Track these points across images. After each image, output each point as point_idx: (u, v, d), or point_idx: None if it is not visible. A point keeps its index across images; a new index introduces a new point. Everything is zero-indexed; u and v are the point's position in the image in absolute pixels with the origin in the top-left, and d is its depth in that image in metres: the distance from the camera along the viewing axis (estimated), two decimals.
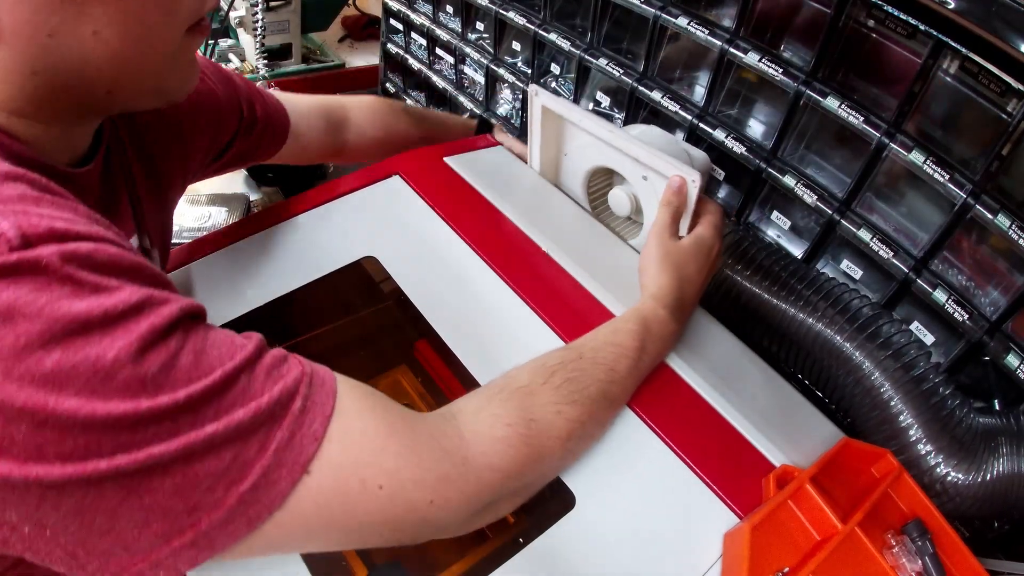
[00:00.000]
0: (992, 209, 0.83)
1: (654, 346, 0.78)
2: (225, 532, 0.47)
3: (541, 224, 0.97)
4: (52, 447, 0.41)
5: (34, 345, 0.41)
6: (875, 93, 0.95)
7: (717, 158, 1.19)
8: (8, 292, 0.41)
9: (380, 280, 1.00)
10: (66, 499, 0.42)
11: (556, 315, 0.84)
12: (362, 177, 1.02)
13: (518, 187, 1.06)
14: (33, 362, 0.41)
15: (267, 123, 0.98)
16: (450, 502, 0.57)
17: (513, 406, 0.65)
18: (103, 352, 0.43)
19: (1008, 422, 0.81)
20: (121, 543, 0.45)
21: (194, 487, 0.46)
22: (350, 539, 0.56)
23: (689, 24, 1.11)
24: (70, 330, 0.42)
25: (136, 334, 0.45)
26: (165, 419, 0.44)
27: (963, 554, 0.67)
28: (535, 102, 1.02)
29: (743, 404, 0.78)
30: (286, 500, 0.49)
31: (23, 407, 0.40)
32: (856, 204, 1.01)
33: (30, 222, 0.44)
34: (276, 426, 0.49)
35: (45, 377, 0.41)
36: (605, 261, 0.94)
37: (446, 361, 1.09)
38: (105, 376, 0.43)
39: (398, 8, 1.86)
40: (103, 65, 0.53)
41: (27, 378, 0.40)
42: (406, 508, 0.55)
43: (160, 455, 0.44)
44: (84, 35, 0.51)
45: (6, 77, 0.52)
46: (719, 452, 0.74)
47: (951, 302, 0.90)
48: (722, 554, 0.66)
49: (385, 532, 0.56)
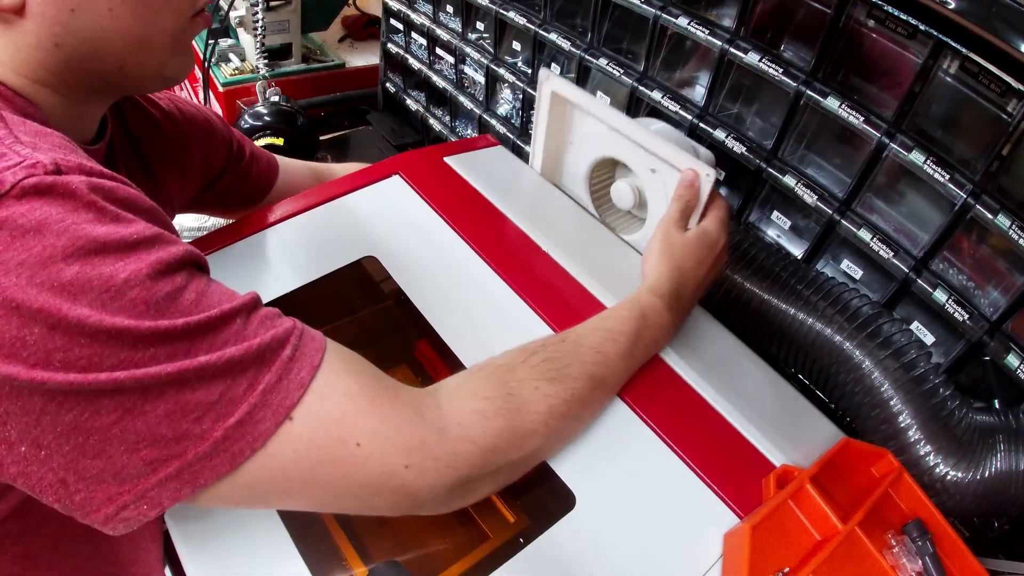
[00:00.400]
0: (992, 209, 0.83)
1: (649, 332, 0.78)
2: (209, 465, 0.51)
3: (541, 224, 0.97)
4: (59, 354, 0.46)
5: (57, 257, 0.46)
6: (875, 93, 0.95)
7: (717, 158, 1.18)
8: (40, 209, 0.47)
9: (380, 280, 1.00)
10: (64, 414, 0.47)
11: (556, 315, 0.84)
12: (362, 177, 1.02)
13: (518, 187, 1.06)
14: (55, 271, 0.46)
15: (254, 161, 1.07)
16: (426, 471, 0.58)
17: (492, 382, 0.67)
18: (116, 272, 0.48)
19: (1006, 420, 0.81)
20: (111, 469, 0.49)
21: (184, 415, 0.49)
22: (328, 498, 0.58)
23: (689, 24, 1.11)
24: (90, 248, 0.48)
25: (146, 262, 0.50)
26: (164, 342, 0.49)
27: (963, 554, 0.67)
28: (545, 87, 1.01)
29: (743, 404, 0.78)
30: (268, 441, 0.52)
31: (40, 309, 0.45)
32: (856, 204, 1.01)
33: (64, 157, 0.51)
34: (265, 368, 0.53)
35: (63, 286, 0.46)
36: (605, 261, 0.94)
37: (446, 361, 1.09)
38: (116, 292, 0.48)
39: (398, 8, 1.86)
40: (116, 40, 0.61)
41: (47, 284, 0.46)
42: (383, 471, 0.57)
43: (156, 375, 0.48)
44: (101, 11, 0.59)
45: (32, 49, 0.59)
46: (719, 452, 0.74)
47: (951, 302, 0.90)
48: (722, 554, 0.66)
49: (363, 495, 0.58)
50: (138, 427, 0.48)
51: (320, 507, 0.60)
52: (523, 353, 0.71)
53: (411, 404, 0.61)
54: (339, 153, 1.99)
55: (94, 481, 0.49)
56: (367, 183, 1.01)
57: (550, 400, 0.67)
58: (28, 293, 0.45)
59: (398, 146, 1.99)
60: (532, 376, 0.68)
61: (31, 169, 0.48)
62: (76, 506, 0.50)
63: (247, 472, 0.52)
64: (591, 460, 0.72)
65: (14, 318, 0.45)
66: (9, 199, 0.47)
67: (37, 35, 0.58)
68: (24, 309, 0.45)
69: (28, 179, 0.48)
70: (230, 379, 0.51)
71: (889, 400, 0.85)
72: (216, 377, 0.51)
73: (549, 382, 0.68)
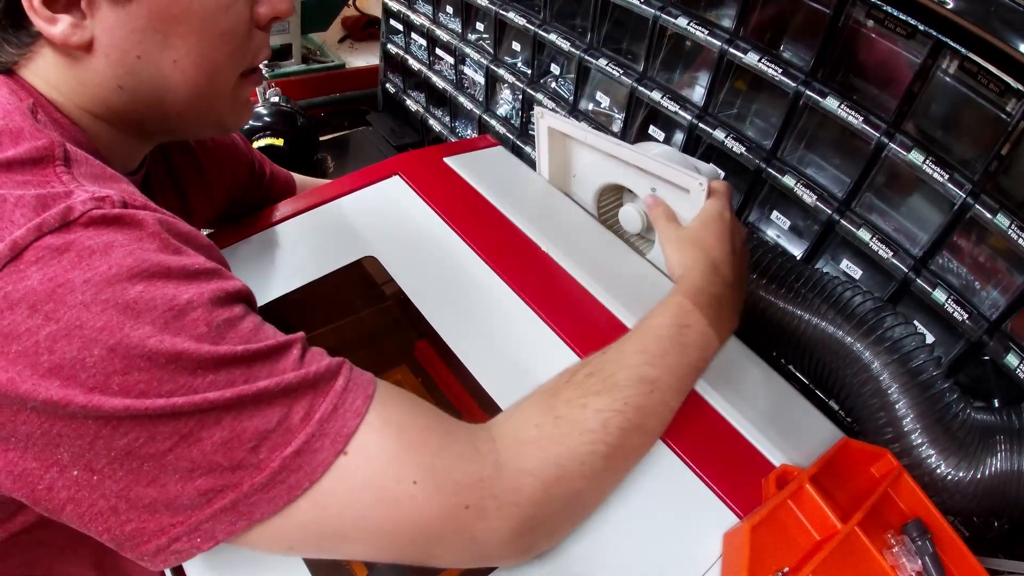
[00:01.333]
0: (991, 209, 0.83)
1: (693, 316, 0.75)
2: (266, 497, 0.50)
3: (541, 224, 0.97)
4: (117, 377, 0.46)
5: (122, 276, 0.47)
6: (874, 93, 0.95)
7: (717, 158, 1.19)
8: (109, 234, 0.49)
9: (380, 280, 1.00)
10: (119, 439, 0.46)
11: (556, 314, 0.84)
12: (362, 177, 1.03)
13: (517, 187, 1.06)
14: (119, 289, 0.47)
15: (274, 181, 1.10)
16: (487, 510, 0.56)
17: (538, 408, 0.65)
18: (179, 293, 0.49)
19: (1006, 420, 0.81)
20: (164, 498, 0.48)
21: (240, 443, 0.49)
22: (384, 544, 0.55)
23: (689, 24, 1.11)
24: (154, 272, 0.49)
25: (207, 289, 0.51)
26: (223, 368, 0.49)
27: (963, 554, 0.67)
28: (541, 124, 1.03)
29: (743, 404, 0.78)
30: (325, 475, 0.51)
31: (102, 328, 0.45)
32: (856, 204, 1.01)
33: (131, 193, 0.54)
34: (321, 397, 0.52)
35: (127, 304, 0.47)
36: (604, 260, 0.94)
37: (446, 361, 1.09)
38: (179, 312, 0.48)
39: (398, 9, 1.86)
40: (178, 90, 0.63)
41: (110, 303, 0.46)
42: (441, 512, 0.54)
43: (214, 401, 0.48)
44: (166, 62, 0.61)
45: (95, 87, 0.61)
46: (719, 452, 0.74)
47: (951, 302, 0.90)
48: (722, 554, 0.66)
49: (421, 541, 0.55)
50: (194, 455, 0.48)
51: (378, 554, 0.56)
52: (566, 373, 0.69)
53: (465, 437, 0.59)
54: (339, 154, 1.99)
55: (147, 510, 0.48)
56: (367, 183, 1.01)
57: (603, 414, 0.64)
58: (91, 311, 0.46)
59: (398, 146, 1.99)
60: (578, 394, 0.65)
61: (99, 202, 0.50)
62: (126, 537, 0.49)
63: (302, 509, 0.51)
64: None
65: (76, 338, 0.45)
66: (77, 226, 0.48)
67: (102, 74, 0.60)
68: (87, 328, 0.45)
69: (96, 210, 0.49)
70: (287, 407, 0.51)
71: (895, 404, 0.84)
72: (273, 404, 0.50)
73: (596, 395, 0.65)
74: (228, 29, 0.63)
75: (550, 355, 0.80)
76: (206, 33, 0.61)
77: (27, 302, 0.45)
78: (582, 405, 0.64)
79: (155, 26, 0.59)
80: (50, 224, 0.47)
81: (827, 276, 0.95)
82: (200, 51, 0.62)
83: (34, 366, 0.45)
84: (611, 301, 0.86)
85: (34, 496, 0.47)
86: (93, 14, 0.57)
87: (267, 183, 1.07)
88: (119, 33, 0.58)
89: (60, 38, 0.57)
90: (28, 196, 0.48)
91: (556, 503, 0.60)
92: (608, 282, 0.89)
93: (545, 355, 0.80)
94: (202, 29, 0.61)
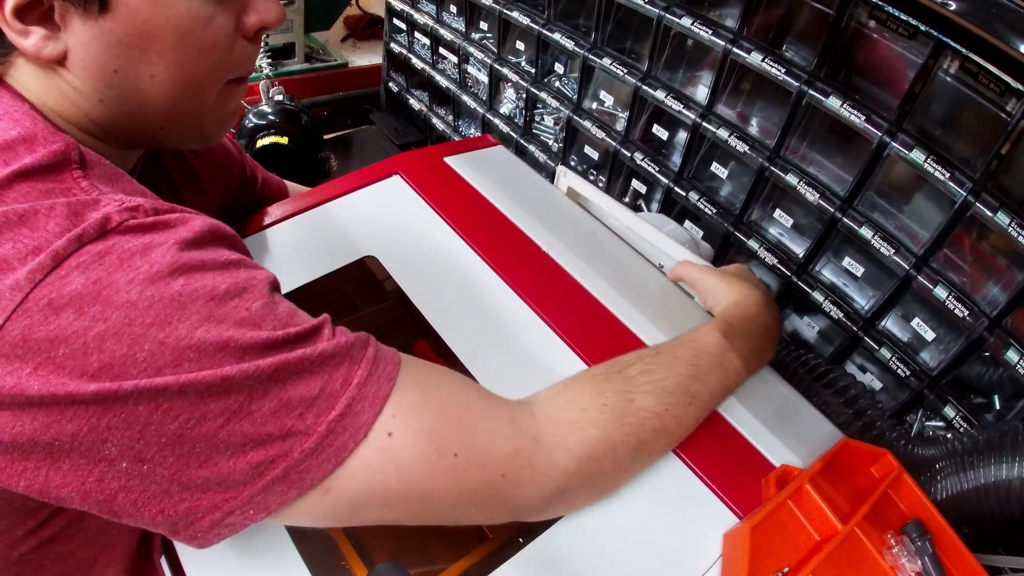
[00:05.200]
0: (992, 207, 0.84)
1: (740, 344, 0.78)
2: (315, 463, 0.51)
3: (541, 224, 0.97)
4: (168, 369, 0.47)
5: (163, 272, 0.49)
6: (876, 93, 0.95)
7: (721, 156, 1.19)
8: (146, 237, 0.51)
9: (380, 280, 1.00)
10: (170, 422, 0.47)
11: (555, 314, 0.84)
12: (363, 177, 1.03)
13: (518, 187, 1.06)
14: (162, 285, 0.49)
15: (265, 187, 1.10)
16: (522, 480, 0.59)
17: (587, 391, 0.67)
18: (218, 284, 0.51)
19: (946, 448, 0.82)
20: (217, 476, 0.49)
21: (288, 412, 0.51)
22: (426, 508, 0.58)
23: (693, 24, 1.11)
24: (192, 266, 0.51)
25: (242, 278, 0.53)
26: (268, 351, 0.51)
27: (963, 554, 0.67)
28: (562, 181, 1.07)
29: (743, 404, 0.78)
30: (368, 436, 0.53)
31: (150, 324, 0.47)
32: (858, 202, 1.01)
33: (159, 203, 0.55)
34: (356, 364, 0.55)
35: (171, 299, 0.48)
36: (604, 260, 0.94)
37: (446, 361, 1.09)
38: (220, 302, 0.50)
39: (401, 8, 1.86)
40: (158, 104, 0.62)
41: (155, 299, 0.48)
42: (480, 479, 0.58)
43: (262, 369, 0.50)
44: (143, 77, 0.60)
45: (79, 101, 0.60)
46: (719, 452, 0.74)
47: (951, 298, 0.91)
48: (722, 554, 0.66)
49: (459, 504, 0.58)
50: (245, 429, 0.49)
51: (419, 518, 0.59)
52: (619, 364, 0.71)
53: (505, 410, 0.61)
54: (342, 152, 2.00)
55: (199, 490, 0.50)
56: (367, 183, 1.01)
57: (643, 413, 0.67)
58: (138, 308, 0.47)
59: (401, 145, 1.99)
60: (628, 388, 0.68)
61: (133, 212, 0.52)
62: (180, 516, 0.50)
63: (350, 472, 0.53)
64: None
65: (125, 336, 0.47)
66: (115, 234, 0.50)
67: (82, 88, 0.60)
68: (135, 325, 0.47)
69: (132, 220, 0.51)
70: (327, 374, 0.53)
71: None
72: (315, 373, 0.52)
73: (644, 395, 0.68)
74: (208, 44, 0.61)
75: (550, 355, 0.80)
76: (184, 48, 0.60)
77: (73, 306, 0.47)
78: (628, 399, 0.67)
79: (131, 42, 0.57)
80: (90, 235, 0.49)
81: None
82: (179, 67, 0.61)
83: (83, 367, 0.46)
84: (611, 301, 0.86)
85: (83, 491, 0.48)
86: (66, 27, 0.56)
87: (258, 191, 1.08)
88: (95, 47, 0.57)
89: (32, 51, 0.56)
90: (58, 205, 0.50)
91: (584, 479, 0.63)
92: (608, 282, 0.89)
93: (545, 355, 0.81)
94: (179, 45, 0.59)
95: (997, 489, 0.74)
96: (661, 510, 0.69)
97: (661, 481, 0.71)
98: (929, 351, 0.99)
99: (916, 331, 0.99)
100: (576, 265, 0.91)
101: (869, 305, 1.04)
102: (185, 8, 0.58)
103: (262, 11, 0.65)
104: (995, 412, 0.93)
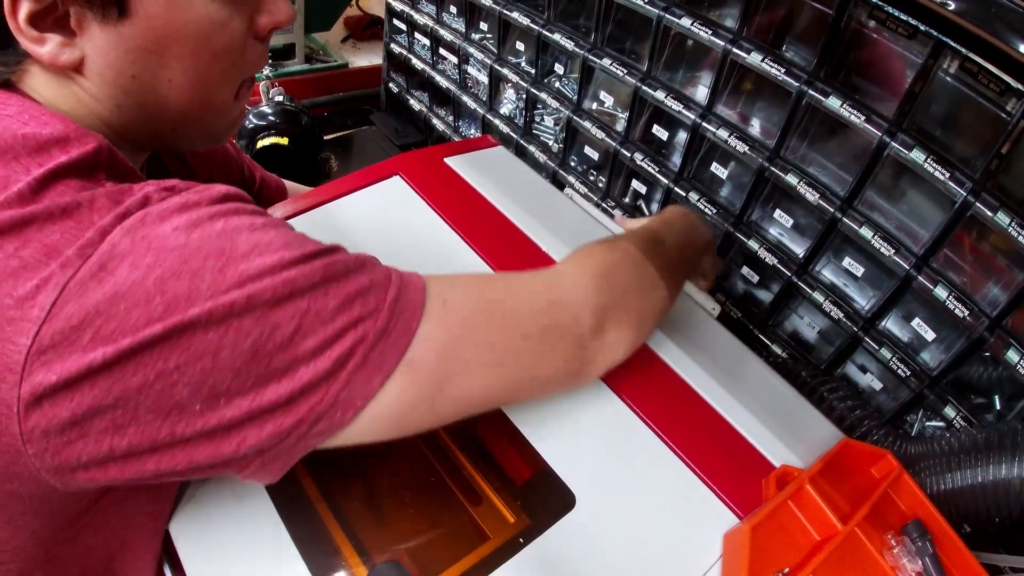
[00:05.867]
0: (992, 207, 0.84)
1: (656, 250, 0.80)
2: (390, 343, 0.54)
3: (541, 224, 0.97)
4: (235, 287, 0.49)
5: (203, 218, 0.51)
6: (876, 93, 0.95)
7: (721, 156, 1.19)
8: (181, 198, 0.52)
9: None
10: (243, 340, 0.48)
11: None
12: (363, 177, 1.03)
13: (518, 187, 1.06)
14: (207, 227, 0.50)
15: (264, 187, 1.12)
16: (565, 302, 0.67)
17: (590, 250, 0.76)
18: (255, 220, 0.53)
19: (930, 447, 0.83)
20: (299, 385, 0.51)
21: (351, 302, 0.53)
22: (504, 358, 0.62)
23: (692, 24, 1.11)
24: (228, 211, 0.53)
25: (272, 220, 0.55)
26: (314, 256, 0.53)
27: (963, 554, 0.67)
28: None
29: (743, 404, 0.79)
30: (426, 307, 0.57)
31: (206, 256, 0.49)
32: (858, 202, 1.01)
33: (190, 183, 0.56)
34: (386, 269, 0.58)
35: (218, 234, 0.50)
36: None
37: None
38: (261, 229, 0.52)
39: (401, 8, 1.86)
40: (174, 107, 0.63)
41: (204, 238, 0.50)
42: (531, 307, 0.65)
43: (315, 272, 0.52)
44: (161, 81, 0.61)
45: (95, 106, 0.61)
46: (719, 452, 0.74)
47: (951, 298, 0.91)
48: (722, 554, 0.66)
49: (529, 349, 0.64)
50: (316, 329, 0.51)
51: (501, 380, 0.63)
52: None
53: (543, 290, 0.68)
54: (342, 153, 2.00)
55: (282, 407, 0.51)
56: (367, 184, 1.02)
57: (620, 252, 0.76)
58: (190, 248, 0.49)
59: (401, 146, 1.99)
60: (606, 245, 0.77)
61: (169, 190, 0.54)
62: (268, 435, 0.51)
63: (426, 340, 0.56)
64: (591, 460, 0.72)
65: (185, 274, 0.48)
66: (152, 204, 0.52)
67: (98, 94, 0.60)
68: (192, 262, 0.48)
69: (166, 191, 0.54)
70: (370, 271, 0.56)
71: None
72: (359, 271, 0.55)
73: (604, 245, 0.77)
74: (223, 47, 0.62)
75: None
76: (201, 52, 0.61)
77: (127, 261, 0.48)
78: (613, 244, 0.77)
79: (149, 47, 0.58)
80: (132, 209, 0.51)
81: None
82: (195, 70, 0.62)
83: (148, 314, 0.47)
84: None
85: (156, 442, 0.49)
86: (83, 33, 0.56)
87: (256, 190, 1.09)
88: (113, 53, 0.58)
89: (48, 58, 0.56)
90: (99, 196, 0.51)
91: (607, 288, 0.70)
92: None
93: None
94: (197, 49, 0.60)
95: (996, 488, 0.74)
96: (661, 510, 0.69)
97: (661, 481, 0.71)
98: (929, 351, 0.99)
99: (916, 331, 0.99)
100: None
101: (869, 305, 1.04)
102: (203, 12, 0.59)
103: (275, 11, 0.66)
104: (996, 412, 0.93)
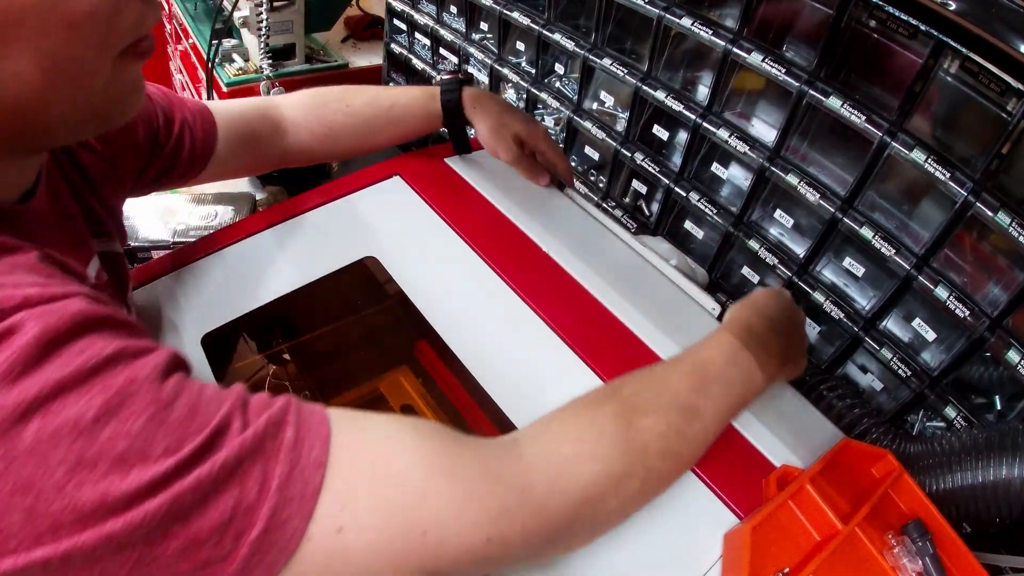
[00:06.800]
0: (992, 207, 0.83)
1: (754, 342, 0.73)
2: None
3: (541, 224, 0.97)
4: (47, 535, 0.38)
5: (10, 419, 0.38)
6: (877, 93, 0.95)
7: (722, 157, 1.19)
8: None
9: (381, 280, 1.00)
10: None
11: (556, 315, 0.84)
12: (363, 177, 1.03)
13: (518, 187, 1.06)
14: (13, 437, 0.38)
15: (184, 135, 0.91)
16: (510, 540, 0.52)
17: (580, 422, 0.60)
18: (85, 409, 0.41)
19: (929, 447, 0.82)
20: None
21: (200, 545, 0.42)
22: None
23: (693, 24, 1.11)
24: (45, 395, 0.40)
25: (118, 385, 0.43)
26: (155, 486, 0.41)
27: (963, 554, 0.67)
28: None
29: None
30: (302, 543, 0.45)
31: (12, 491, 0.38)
32: (858, 202, 1.01)
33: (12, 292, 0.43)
34: (272, 460, 0.45)
35: (27, 452, 0.38)
36: (604, 260, 0.94)
37: (446, 362, 1.09)
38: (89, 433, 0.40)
39: (402, 8, 1.86)
40: (32, 102, 0.49)
41: (9, 459, 0.38)
42: (459, 551, 0.50)
43: (150, 517, 0.40)
44: (5, 77, 0.47)
45: None
46: (719, 452, 0.74)
47: (952, 299, 0.90)
48: (722, 554, 0.66)
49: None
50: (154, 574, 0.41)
51: None
52: (611, 387, 0.65)
53: (481, 463, 0.53)
54: None
55: None
56: (367, 184, 1.02)
57: (645, 435, 0.61)
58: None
59: (401, 146, 1.98)
60: (623, 411, 0.61)
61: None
62: None
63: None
64: None
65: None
66: None
67: None
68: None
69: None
70: (238, 486, 0.43)
71: None
72: (220, 491, 0.43)
73: (643, 415, 0.61)
74: (81, 15, 0.48)
75: (550, 355, 0.80)
76: (51, 30, 0.47)
77: None
78: (627, 423, 0.60)
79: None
80: None
81: None
82: (48, 53, 0.48)
83: None
84: (611, 301, 0.87)
85: None
86: None
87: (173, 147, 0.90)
88: None
89: None
90: None
91: (584, 520, 0.58)
92: (608, 282, 0.89)
93: (545, 355, 0.81)
94: (43, 27, 0.46)
95: (996, 488, 0.74)
96: (661, 510, 0.69)
97: None
98: (930, 351, 0.99)
99: (917, 331, 0.99)
100: (576, 266, 0.91)
101: (870, 305, 1.04)
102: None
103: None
104: (996, 412, 0.93)
